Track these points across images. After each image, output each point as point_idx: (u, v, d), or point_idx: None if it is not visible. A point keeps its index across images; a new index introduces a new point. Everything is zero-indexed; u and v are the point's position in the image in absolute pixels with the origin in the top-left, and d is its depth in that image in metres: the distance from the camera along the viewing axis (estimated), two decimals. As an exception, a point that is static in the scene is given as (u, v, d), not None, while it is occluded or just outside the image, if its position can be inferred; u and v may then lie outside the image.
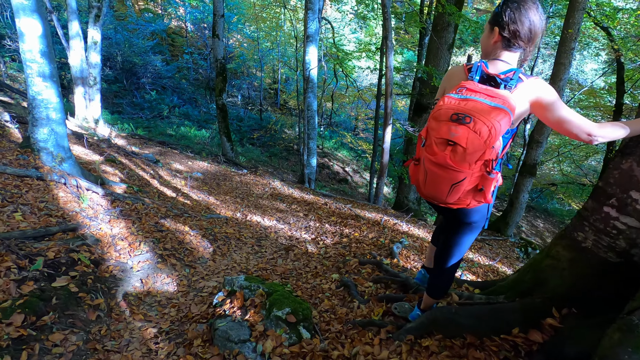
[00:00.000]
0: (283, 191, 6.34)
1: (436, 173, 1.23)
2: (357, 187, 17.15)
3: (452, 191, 1.24)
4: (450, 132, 1.16)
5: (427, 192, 1.33)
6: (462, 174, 1.19)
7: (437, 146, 1.19)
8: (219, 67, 10.60)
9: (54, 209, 2.99)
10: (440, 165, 1.20)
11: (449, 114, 1.17)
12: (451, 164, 1.17)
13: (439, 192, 1.28)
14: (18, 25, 3.50)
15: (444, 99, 1.22)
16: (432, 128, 1.22)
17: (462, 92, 1.20)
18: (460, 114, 1.14)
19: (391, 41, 5.33)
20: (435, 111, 1.22)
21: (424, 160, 1.26)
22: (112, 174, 5.48)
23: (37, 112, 3.75)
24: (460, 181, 1.21)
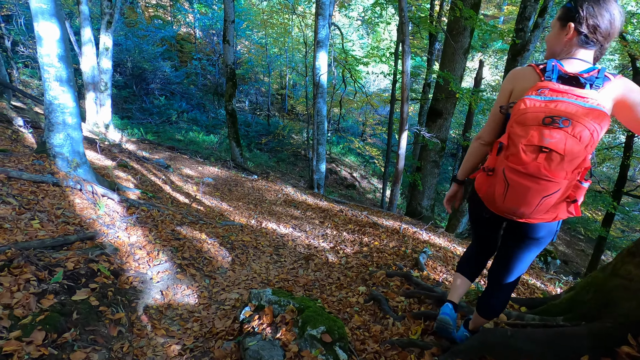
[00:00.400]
0: (296, 197, 6.23)
1: (523, 185, 1.10)
2: (365, 193, 17.01)
3: (541, 204, 1.11)
4: (543, 137, 1.03)
5: (507, 206, 1.19)
6: (556, 184, 1.06)
7: (526, 154, 1.07)
8: (228, 72, 10.58)
9: (71, 216, 2.89)
10: (531, 176, 1.07)
11: (539, 117, 1.05)
12: (545, 173, 1.05)
13: (525, 206, 1.14)
14: (36, 29, 3.45)
15: (524, 102, 1.10)
16: (516, 134, 1.09)
17: (544, 93, 1.08)
18: (555, 117, 1.02)
19: (408, 46, 5.22)
20: (519, 115, 1.09)
21: (504, 171, 1.13)
22: (125, 179, 5.41)
23: (53, 117, 3.68)
24: (553, 193, 1.08)
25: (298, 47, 18.14)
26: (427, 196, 7.95)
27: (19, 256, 1.95)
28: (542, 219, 1.19)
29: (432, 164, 7.61)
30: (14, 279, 1.82)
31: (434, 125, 7.02)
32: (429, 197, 8.01)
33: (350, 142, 18.05)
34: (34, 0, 3.36)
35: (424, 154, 7.58)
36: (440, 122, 7.08)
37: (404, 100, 5.54)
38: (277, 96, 20.93)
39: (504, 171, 1.13)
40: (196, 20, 17.97)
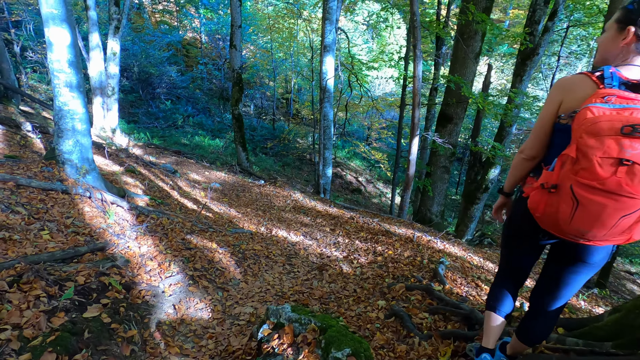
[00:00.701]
0: (305, 204, 6.12)
1: (598, 202, 0.98)
2: (371, 197, 16.88)
3: (618, 225, 0.99)
4: (623, 149, 0.92)
5: (575, 227, 1.06)
6: (638, 201, 0.95)
7: (603, 168, 0.95)
8: (235, 77, 10.54)
9: (81, 225, 2.81)
10: (609, 193, 0.95)
11: (616, 126, 0.94)
12: (628, 189, 0.93)
13: (598, 227, 1.02)
14: (47, 34, 3.40)
15: (590, 110, 0.99)
16: (589, 146, 0.97)
17: (612, 101, 0.98)
18: (636, 125, 0.91)
19: (420, 50, 5.13)
20: (589, 125, 0.98)
21: (572, 187, 1.02)
22: (133, 185, 5.34)
23: (62, 123, 3.62)
24: (634, 212, 0.96)
25: (303, 52, 18.13)
26: (437, 202, 7.82)
27: (29, 271, 1.86)
28: (614, 241, 1.07)
29: (442, 169, 7.49)
30: (24, 295, 1.73)
31: (444, 130, 6.91)
32: (438, 203, 7.87)
33: (355, 146, 17.96)
34: (45, 6, 3.31)
35: (433, 159, 7.46)
36: (451, 127, 6.97)
37: (415, 105, 5.44)
38: (282, 100, 20.92)
39: (572, 188, 1.01)
40: (202, 25, 18.04)
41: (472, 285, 2.98)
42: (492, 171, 9.24)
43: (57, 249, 2.26)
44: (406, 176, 6.05)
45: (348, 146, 18.62)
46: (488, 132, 17.41)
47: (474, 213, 9.58)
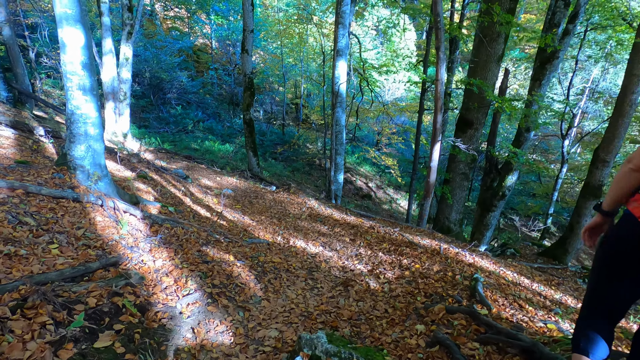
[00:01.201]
0: (322, 211, 5.88)
1: None
2: (381, 204, 16.57)
3: None
4: None
5: None
6: None
7: None
8: (247, 81, 10.39)
9: (93, 237, 2.60)
10: None
11: None
12: None
13: None
14: (60, 35, 3.23)
15: None
16: None
17: None
18: None
19: (443, 52, 4.89)
20: None
21: None
22: (145, 191, 5.16)
23: (75, 128, 3.44)
24: None
25: (313, 57, 18.01)
26: (456, 210, 7.51)
27: (34, 293, 1.65)
28: None
29: (462, 176, 7.19)
30: (28, 323, 1.51)
31: (464, 135, 6.63)
32: (457, 211, 7.56)
33: (365, 151, 17.70)
34: (59, 5, 3.15)
35: (452, 166, 7.17)
36: (471, 132, 6.69)
37: (437, 110, 5.18)
38: (292, 105, 20.81)
39: None
40: (213, 31, 18.05)
41: (515, 306, 2.70)
42: (510, 178, 8.91)
43: (67, 266, 2.04)
44: (426, 184, 5.78)
45: (358, 151, 18.38)
46: (501, 137, 17.03)
47: (490, 221, 9.23)
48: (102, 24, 9.61)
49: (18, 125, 6.43)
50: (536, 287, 3.48)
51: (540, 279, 3.85)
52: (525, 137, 8.80)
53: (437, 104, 5.20)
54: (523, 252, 6.73)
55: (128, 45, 9.87)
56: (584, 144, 14.85)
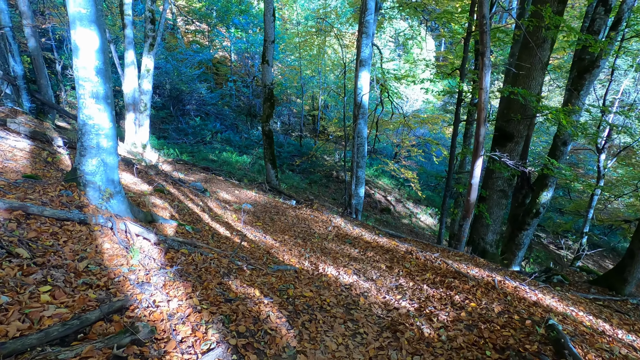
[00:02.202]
0: (349, 231, 5.33)
1: None
2: (400, 218, 15.88)
3: None
4: None
5: None
6: None
7: None
8: (267, 92, 10.08)
9: (96, 272, 2.14)
10: None
11: None
12: None
13: None
14: (73, 37, 2.87)
15: None
16: None
17: None
18: None
19: (488, 58, 4.36)
20: None
21: None
22: (161, 207, 4.75)
23: (86, 140, 3.05)
24: None
25: (331, 69, 17.73)
26: (493, 230, 6.82)
27: (3, 371, 1.17)
28: None
29: (500, 193, 6.53)
30: None
31: (503, 150, 6.01)
32: (494, 232, 6.87)
33: (384, 164, 17.13)
34: (72, 5, 2.80)
35: (489, 182, 6.53)
36: (511, 146, 6.07)
37: (480, 121, 4.62)
38: (309, 117, 20.53)
39: None
40: (232, 44, 18.05)
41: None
42: (544, 194, 8.18)
43: (57, 321, 1.57)
44: (466, 203, 5.17)
45: (376, 164, 17.82)
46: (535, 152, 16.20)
47: (523, 240, 8.47)
48: (125, 36, 9.54)
49: (37, 135, 6.19)
50: (623, 336, 2.83)
51: (619, 322, 3.18)
52: (562, 151, 8.09)
53: (480, 115, 4.64)
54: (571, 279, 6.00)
55: (150, 56, 9.75)
56: (620, 158, 13.86)
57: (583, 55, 7.52)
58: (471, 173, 5.02)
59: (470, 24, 5.83)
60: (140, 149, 10.23)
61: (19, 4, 7.37)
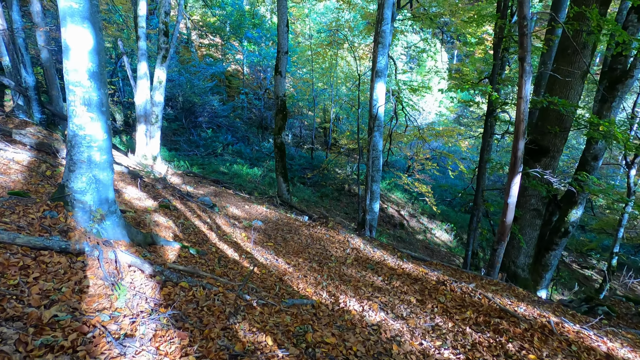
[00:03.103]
0: (370, 254, 4.76)
1: None
2: (415, 233, 15.16)
3: None
4: None
5: None
6: None
7: None
8: (279, 104, 9.71)
9: (65, 323, 1.65)
10: None
11: None
12: None
13: None
14: (63, 36, 2.47)
15: None
16: None
17: None
18: None
19: (529, 64, 3.84)
20: None
21: None
22: (165, 226, 4.28)
23: (75, 153, 2.62)
24: None
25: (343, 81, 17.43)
26: (525, 253, 6.16)
27: None
28: None
29: (533, 213, 5.90)
30: None
31: (538, 165, 5.42)
32: (526, 254, 6.21)
33: (397, 177, 16.53)
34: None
35: (521, 200, 5.91)
36: (546, 161, 5.48)
37: (519, 134, 4.07)
38: (320, 130, 20.19)
39: None
40: (245, 57, 17.97)
41: None
42: (574, 212, 7.47)
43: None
44: (501, 224, 4.57)
45: (389, 177, 17.24)
46: None
47: (550, 261, 7.73)
48: (139, 48, 9.38)
49: (42, 147, 5.88)
50: None
51: None
52: (593, 167, 7.41)
53: (519, 127, 4.09)
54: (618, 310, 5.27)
55: (162, 68, 9.54)
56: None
57: (615, 65, 6.94)
58: (507, 191, 4.44)
59: (502, 28, 5.34)
60: (151, 161, 9.92)
61: (33, 15, 7.22)
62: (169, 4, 9.54)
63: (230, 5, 16.31)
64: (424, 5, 10.85)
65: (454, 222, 16.24)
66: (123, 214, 3.73)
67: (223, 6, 16.46)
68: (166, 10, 9.32)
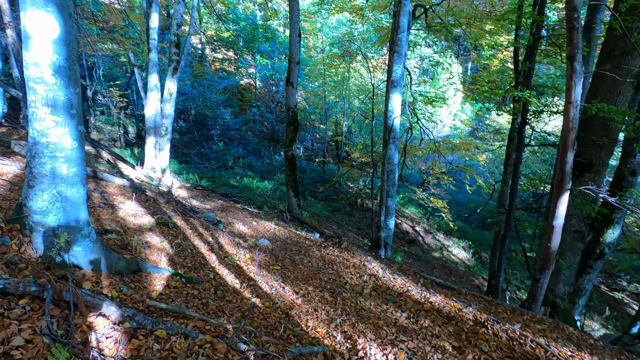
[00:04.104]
0: (390, 282, 4.08)
1: None
2: (430, 251, 14.25)
3: None
4: None
5: None
6: None
7: None
8: (290, 115, 9.24)
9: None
10: None
11: None
12: None
13: None
14: (23, 23, 2.00)
15: None
16: None
17: None
18: None
19: (580, 64, 3.21)
20: None
21: None
22: (157, 248, 3.73)
23: (36, 165, 2.11)
24: None
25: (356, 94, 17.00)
26: (565, 280, 5.35)
27: None
28: None
29: (574, 235, 5.13)
30: None
31: (581, 181, 4.70)
32: (566, 282, 5.39)
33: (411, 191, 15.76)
34: (26, -22, 1.95)
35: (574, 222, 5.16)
36: (590, 176, 4.76)
37: (568, 145, 3.39)
38: (332, 143, 19.70)
39: None
40: (257, 71, 17.81)
41: None
42: (610, 232, 6.60)
43: None
44: (545, 250, 3.84)
45: (403, 191, 16.49)
46: None
47: (584, 285, 6.81)
48: (150, 60, 9.15)
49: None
50: None
51: None
52: (631, 182, 6.58)
53: (567, 138, 3.42)
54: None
55: (173, 80, 9.25)
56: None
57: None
58: (552, 212, 3.73)
59: (539, 26, 4.72)
60: (159, 174, 9.54)
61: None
62: (181, 16, 9.32)
63: (244, 20, 16.25)
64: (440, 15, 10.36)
65: (472, 239, 15.27)
66: (106, 235, 3.20)
67: (237, 21, 16.42)
68: (178, 22, 9.09)
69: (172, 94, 9.46)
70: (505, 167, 9.67)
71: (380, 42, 13.63)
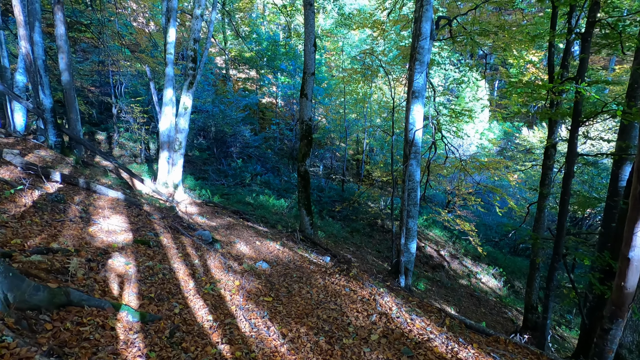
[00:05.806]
0: (405, 325, 3.11)
1: None
2: (457, 277, 12.76)
3: None
4: None
5: None
6: None
7: None
8: (304, 129, 8.61)
9: None
10: None
11: None
12: None
13: None
14: None
15: None
16: None
17: None
18: None
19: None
20: None
21: None
22: (117, 273, 3.03)
23: None
24: None
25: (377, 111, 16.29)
26: (632, 326, 4.10)
27: None
28: None
29: (651, 271, 3.93)
30: None
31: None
32: (634, 329, 4.13)
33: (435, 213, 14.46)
34: None
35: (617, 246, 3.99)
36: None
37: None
38: (352, 162, 18.91)
39: None
40: (279, 89, 17.65)
41: None
42: None
43: None
44: (617, 290, 2.77)
45: (426, 212, 15.20)
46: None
47: None
48: (166, 74, 8.96)
49: (30, 167, 5.13)
50: None
51: None
52: None
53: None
54: None
55: (188, 95, 8.97)
56: None
57: None
58: (627, 240, 2.68)
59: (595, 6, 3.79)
60: (171, 189, 9.11)
61: (56, 39, 6.96)
62: (198, 31, 9.13)
63: (266, 40, 16.26)
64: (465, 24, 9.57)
65: (503, 266, 13.61)
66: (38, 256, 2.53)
67: (260, 41, 16.47)
68: (195, 37, 8.90)
69: (187, 109, 9.16)
70: (541, 186, 8.38)
71: (402, 52, 12.96)
